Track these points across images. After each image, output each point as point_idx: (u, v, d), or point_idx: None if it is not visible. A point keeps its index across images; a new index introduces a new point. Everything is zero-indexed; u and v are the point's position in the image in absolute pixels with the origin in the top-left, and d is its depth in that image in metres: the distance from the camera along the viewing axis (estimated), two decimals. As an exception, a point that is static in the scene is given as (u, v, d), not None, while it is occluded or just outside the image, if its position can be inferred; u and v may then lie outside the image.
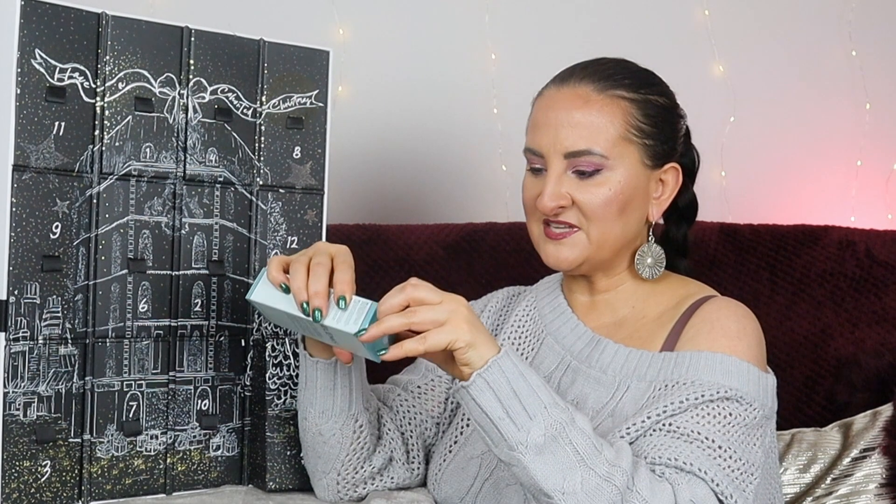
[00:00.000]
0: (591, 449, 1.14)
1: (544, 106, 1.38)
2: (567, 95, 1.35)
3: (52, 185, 1.26)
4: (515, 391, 1.14)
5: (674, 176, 1.39)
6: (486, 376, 1.14)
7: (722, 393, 1.24)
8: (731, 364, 1.27)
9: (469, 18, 2.16)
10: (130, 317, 1.34)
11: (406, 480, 1.43)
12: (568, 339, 1.40)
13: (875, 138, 2.33)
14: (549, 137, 1.34)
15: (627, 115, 1.34)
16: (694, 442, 1.21)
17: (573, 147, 1.32)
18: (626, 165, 1.34)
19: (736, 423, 1.24)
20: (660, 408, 1.24)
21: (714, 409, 1.24)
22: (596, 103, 1.34)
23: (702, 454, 1.20)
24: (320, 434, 1.34)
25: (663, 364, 1.30)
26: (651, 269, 1.39)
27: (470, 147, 2.17)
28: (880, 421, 1.69)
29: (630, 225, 1.36)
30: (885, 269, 1.84)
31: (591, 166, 1.32)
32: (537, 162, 1.37)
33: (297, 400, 1.37)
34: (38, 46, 1.24)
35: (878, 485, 1.65)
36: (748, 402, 1.25)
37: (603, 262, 1.38)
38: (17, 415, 1.24)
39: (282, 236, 1.45)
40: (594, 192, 1.33)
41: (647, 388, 1.30)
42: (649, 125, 1.35)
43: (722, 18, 2.27)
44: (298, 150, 1.46)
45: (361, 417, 1.36)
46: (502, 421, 1.13)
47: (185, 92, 1.36)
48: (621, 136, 1.33)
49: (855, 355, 1.78)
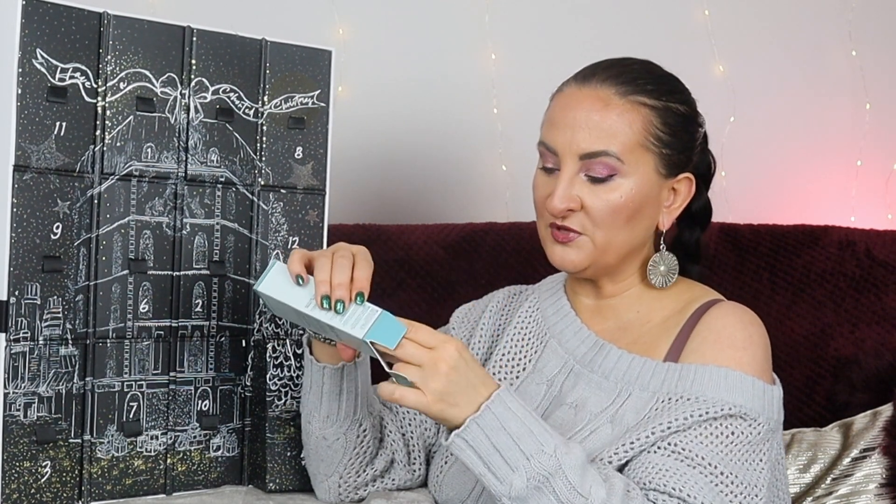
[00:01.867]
0: (576, 496, 1.14)
1: (563, 104, 1.35)
2: (588, 96, 1.33)
3: (53, 185, 1.26)
4: (496, 446, 1.14)
5: (687, 186, 1.37)
6: (465, 435, 1.15)
7: (726, 410, 1.23)
8: (736, 379, 1.26)
9: (469, 18, 2.16)
10: (131, 317, 1.33)
11: (407, 482, 1.43)
12: (571, 342, 1.40)
13: (875, 138, 2.33)
14: (565, 136, 1.32)
15: (647, 123, 1.32)
16: (697, 468, 1.20)
17: (589, 148, 1.30)
18: (640, 173, 1.32)
19: (740, 441, 1.23)
20: (664, 423, 1.23)
21: (717, 427, 1.23)
22: (616, 107, 1.31)
23: (701, 480, 1.19)
24: (324, 438, 1.34)
25: (667, 375, 1.29)
26: (664, 278, 1.38)
27: (470, 147, 2.17)
28: (880, 421, 1.69)
29: (637, 233, 1.35)
30: (885, 269, 1.84)
31: (605, 170, 1.30)
32: (550, 160, 1.35)
33: (301, 403, 1.36)
34: (40, 46, 1.24)
35: (878, 485, 1.65)
36: (753, 417, 1.24)
37: (608, 266, 1.37)
38: (17, 415, 1.24)
39: (283, 237, 1.44)
40: (605, 197, 1.31)
41: (649, 399, 1.29)
42: (668, 134, 1.33)
43: (722, 18, 2.26)
44: (300, 151, 1.45)
45: (365, 422, 1.36)
46: (484, 477, 1.15)
47: (186, 92, 1.36)
48: (639, 143, 1.31)
49: (855, 355, 1.78)
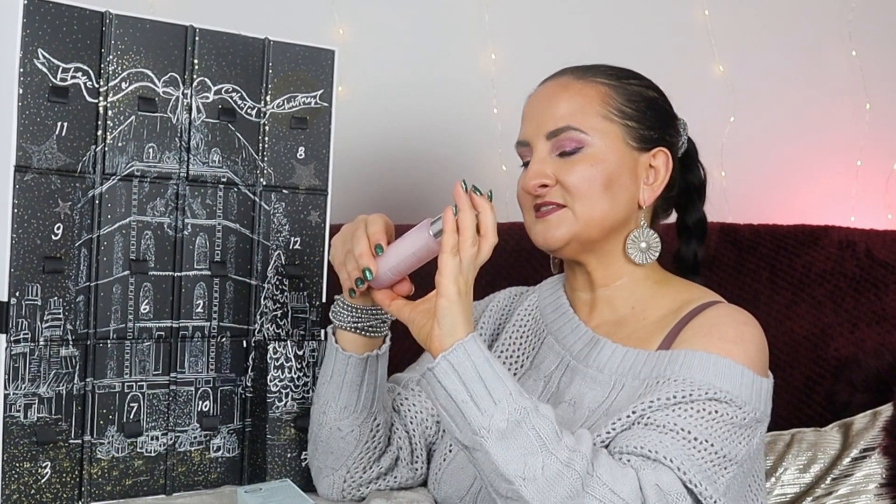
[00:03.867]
0: (553, 435, 1.14)
1: (529, 102, 1.43)
2: (549, 85, 1.42)
3: (54, 185, 1.26)
4: (481, 375, 1.15)
5: (664, 161, 1.40)
6: (451, 358, 1.15)
7: (711, 394, 1.23)
8: (724, 366, 1.26)
9: (469, 18, 2.16)
10: (132, 318, 1.33)
11: (409, 480, 1.43)
12: (568, 338, 1.40)
13: (875, 138, 2.33)
14: (532, 125, 1.39)
15: (606, 97, 1.38)
16: (668, 433, 1.20)
17: (553, 126, 1.36)
18: (606, 143, 1.36)
19: (721, 420, 1.23)
20: (646, 402, 1.24)
21: (700, 407, 1.23)
22: (574, 87, 1.38)
23: (671, 444, 1.19)
24: (339, 429, 1.35)
25: (657, 362, 1.30)
26: (644, 254, 1.39)
27: (470, 147, 2.17)
28: (880, 421, 1.69)
29: (618, 205, 1.36)
30: (885, 269, 1.84)
31: (571, 143, 1.35)
32: (527, 154, 1.40)
33: (317, 393, 1.37)
34: (41, 46, 1.23)
35: (878, 485, 1.65)
36: (738, 405, 1.24)
37: (592, 241, 1.37)
38: (17, 416, 1.24)
39: (285, 237, 1.44)
40: (576, 169, 1.35)
41: (639, 386, 1.29)
42: (631, 108, 1.38)
43: (722, 18, 2.26)
44: (302, 151, 1.45)
45: (380, 416, 1.37)
46: (466, 405, 1.14)
47: (188, 92, 1.36)
48: (600, 115, 1.37)
49: (855, 355, 1.78)
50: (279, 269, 1.44)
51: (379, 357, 1.36)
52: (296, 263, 1.45)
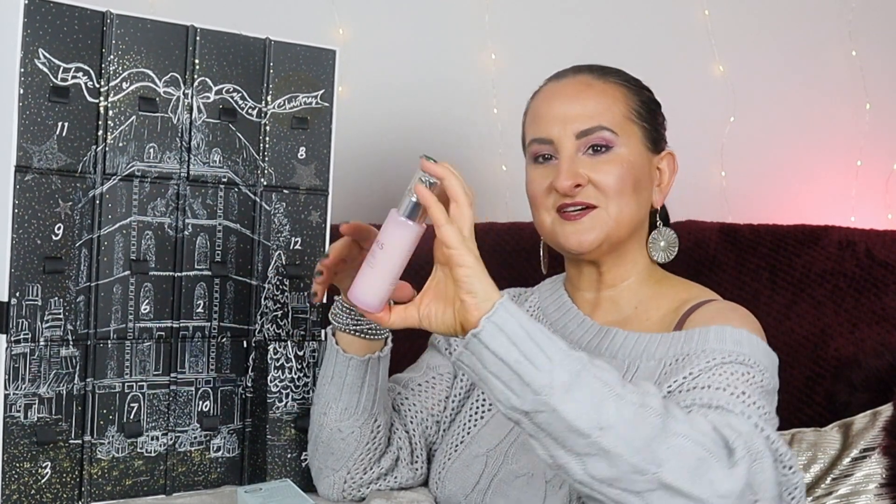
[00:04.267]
0: (618, 380, 1.07)
1: (545, 98, 1.41)
2: (569, 83, 1.40)
3: (55, 185, 1.26)
4: (529, 333, 1.06)
5: (669, 163, 1.43)
6: (495, 319, 1.05)
7: (734, 357, 1.24)
8: (740, 335, 1.27)
9: (469, 18, 2.16)
10: (132, 318, 1.33)
11: (409, 480, 1.43)
12: (576, 332, 1.40)
13: (875, 138, 2.33)
14: (557, 122, 1.37)
15: (626, 99, 1.39)
16: (718, 390, 1.19)
17: (585, 125, 1.36)
18: (631, 145, 1.37)
19: (753, 381, 1.22)
20: (679, 379, 1.23)
21: (730, 368, 1.22)
22: (598, 86, 1.39)
23: (724, 396, 1.18)
24: (339, 431, 1.35)
25: (672, 342, 1.30)
26: (665, 253, 1.42)
27: (470, 147, 2.16)
28: (880, 421, 1.69)
29: (642, 206, 1.39)
30: (885, 269, 1.84)
31: (603, 142, 1.35)
32: (545, 150, 1.38)
33: (317, 394, 1.36)
34: (42, 46, 1.23)
35: (878, 485, 1.65)
36: (761, 369, 1.24)
37: (620, 242, 1.38)
38: (17, 416, 1.24)
39: (285, 237, 1.44)
40: (608, 169, 1.35)
41: (656, 366, 1.29)
42: (644, 111, 1.40)
43: (722, 18, 2.26)
44: (303, 151, 1.45)
45: (381, 418, 1.37)
46: (520, 364, 1.04)
47: (189, 92, 1.36)
48: (625, 116, 1.38)
49: (855, 355, 1.78)
50: (280, 269, 1.44)
51: (380, 359, 1.35)
52: (296, 264, 1.45)
